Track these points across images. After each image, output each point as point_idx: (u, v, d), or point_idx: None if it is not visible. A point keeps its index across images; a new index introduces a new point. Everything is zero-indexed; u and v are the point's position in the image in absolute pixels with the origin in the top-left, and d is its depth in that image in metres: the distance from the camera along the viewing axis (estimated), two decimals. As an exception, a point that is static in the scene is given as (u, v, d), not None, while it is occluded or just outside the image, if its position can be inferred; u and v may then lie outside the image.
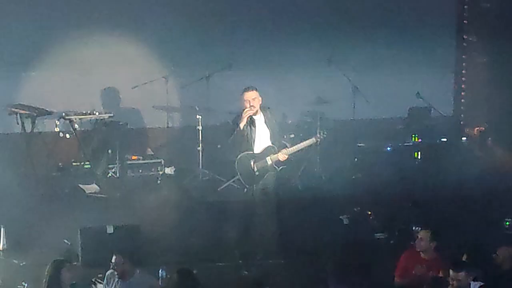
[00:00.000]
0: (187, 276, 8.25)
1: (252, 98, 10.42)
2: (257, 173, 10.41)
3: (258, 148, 10.42)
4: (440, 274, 8.30)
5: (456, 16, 15.58)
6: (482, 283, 8.12)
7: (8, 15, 13.75)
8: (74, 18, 13.97)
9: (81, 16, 13.98)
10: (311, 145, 10.68)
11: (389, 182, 12.94)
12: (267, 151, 10.50)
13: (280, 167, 10.53)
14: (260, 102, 10.56)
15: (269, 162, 10.47)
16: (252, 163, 10.35)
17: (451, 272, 8.08)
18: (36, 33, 13.86)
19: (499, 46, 14.67)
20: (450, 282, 8.07)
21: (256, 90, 10.54)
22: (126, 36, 14.15)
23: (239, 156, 10.49)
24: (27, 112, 13.08)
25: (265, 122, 10.52)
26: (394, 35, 14.82)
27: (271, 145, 10.48)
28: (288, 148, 10.59)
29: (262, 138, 10.42)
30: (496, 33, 14.95)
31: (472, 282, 8.13)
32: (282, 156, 10.49)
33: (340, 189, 13.15)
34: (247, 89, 10.52)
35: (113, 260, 8.59)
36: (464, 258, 8.66)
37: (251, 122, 10.32)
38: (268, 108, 10.67)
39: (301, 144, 10.66)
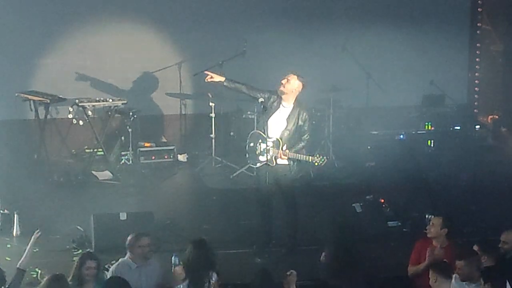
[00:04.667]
0: (203, 246, 8.29)
1: (287, 79, 10.06)
2: (259, 156, 10.14)
3: (270, 132, 10.06)
4: (457, 264, 8.24)
5: (471, 4, 15.51)
6: None
7: (21, 2, 13.76)
8: (87, 4, 13.97)
9: (95, 3, 13.98)
10: (309, 161, 10.15)
11: (402, 170, 12.90)
12: (272, 142, 10.06)
13: (275, 164, 10.03)
14: (294, 91, 10.10)
15: (270, 152, 10.01)
16: (259, 143, 10.14)
17: (456, 261, 8.10)
18: (50, 20, 13.87)
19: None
20: (457, 271, 8.08)
21: (297, 77, 10.11)
22: (139, 23, 14.17)
23: (253, 131, 10.31)
24: (40, 99, 13.11)
25: (289, 115, 10.07)
26: (408, 22, 14.77)
27: (278, 139, 10.03)
28: (290, 151, 10.03)
29: (277, 126, 10.04)
30: (510, 21, 14.88)
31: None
32: (281, 154, 10.02)
33: (353, 176, 13.15)
34: (289, 71, 10.13)
35: (146, 242, 8.54)
36: (475, 248, 8.62)
37: (278, 104, 10.06)
38: (306, 111, 10.18)
39: (303, 156, 10.08)
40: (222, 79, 10.46)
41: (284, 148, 10.01)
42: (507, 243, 8.67)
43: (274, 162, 10.05)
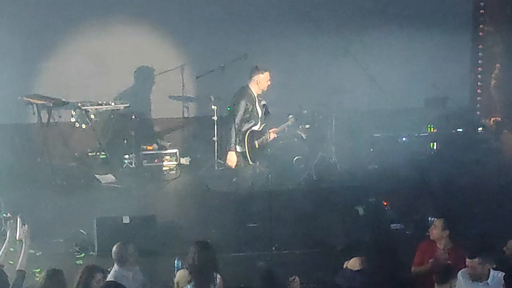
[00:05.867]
0: (207, 248, 8.32)
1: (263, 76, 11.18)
2: (258, 149, 11.13)
3: (258, 126, 11.25)
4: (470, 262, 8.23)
5: (473, 6, 15.49)
6: (503, 273, 8.10)
7: (24, 5, 13.78)
8: (90, 7, 13.98)
9: (97, 6, 13.99)
10: (289, 125, 11.97)
11: (405, 172, 12.90)
12: (263, 130, 11.31)
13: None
14: None
15: (266, 140, 11.33)
16: (255, 139, 11.11)
17: (467, 259, 8.11)
18: (52, 23, 13.89)
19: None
20: (469, 269, 8.11)
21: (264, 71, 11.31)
22: (141, 26, 14.17)
23: (248, 132, 11.06)
24: (43, 102, 13.12)
25: (261, 102, 11.22)
26: (410, 25, 14.75)
27: (264, 124, 11.30)
28: (274, 128, 11.65)
29: (259, 115, 11.22)
30: (513, 23, 14.89)
31: (492, 270, 8.13)
32: (272, 134, 11.54)
33: (356, 179, 13.13)
34: (266, 69, 11.22)
35: (132, 250, 8.57)
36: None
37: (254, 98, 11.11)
38: None
39: (284, 126, 11.90)
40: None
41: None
42: (509, 249, 8.69)
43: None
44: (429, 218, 10.26)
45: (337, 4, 14.76)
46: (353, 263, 8.66)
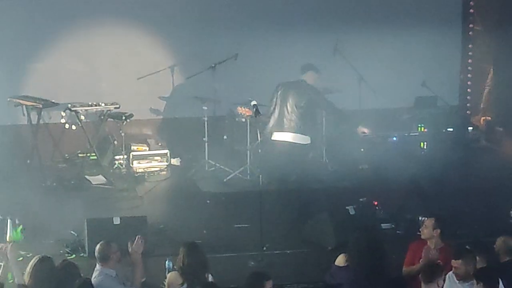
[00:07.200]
0: (196, 249, 8.30)
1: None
2: None
3: None
4: (454, 263, 8.26)
5: (463, 5, 15.52)
6: None
7: (13, 6, 13.75)
8: (79, 8, 13.96)
9: (87, 7, 13.97)
10: None
11: (395, 172, 12.91)
12: None
13: None
14: None
15: None
16: None
17: (452, 260, 8.15)
18: (42, 24, 13.86)
19: (505, 35, 14.64)
20: (453, 270, 8.16)
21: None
22: (131, 27, 14.16)
23: None
24: (33, 104, 13.08)
25: None
26: (400, 24, 14.78)
27: None
28: None
29: None
30: (502, 22, 14.91)
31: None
32: None
33: (347, 179, 13.15)
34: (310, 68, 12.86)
35: (116, 248, 8.56)
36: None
37: None
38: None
39: None
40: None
41: None
42: (498, 246, 8.74)
43: None
44: (420, 218, 10.27)
45: (327, 4, 14.77)
46: (339, 260, 8.72)
